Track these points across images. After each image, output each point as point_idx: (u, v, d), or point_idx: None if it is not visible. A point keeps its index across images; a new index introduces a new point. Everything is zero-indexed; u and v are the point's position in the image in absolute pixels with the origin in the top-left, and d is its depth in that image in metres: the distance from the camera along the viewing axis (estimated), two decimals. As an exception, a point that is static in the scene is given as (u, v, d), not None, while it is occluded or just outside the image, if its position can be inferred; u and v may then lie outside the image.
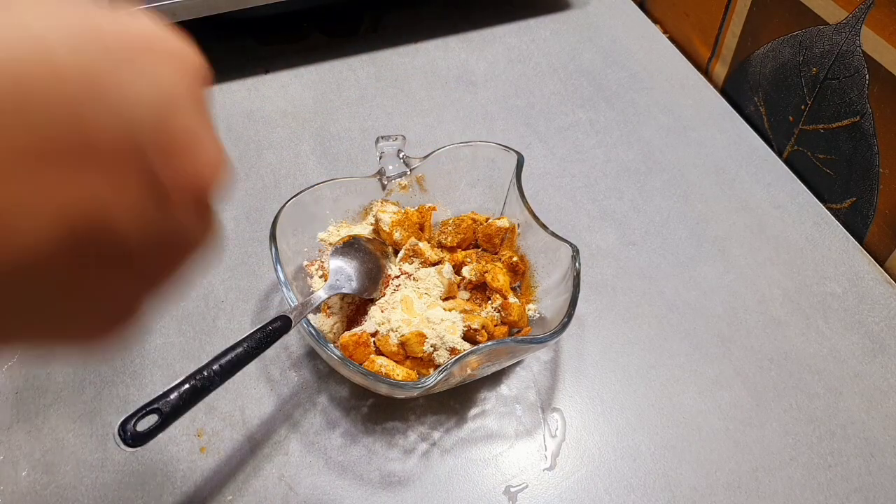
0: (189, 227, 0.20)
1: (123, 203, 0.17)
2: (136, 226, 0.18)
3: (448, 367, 0.45)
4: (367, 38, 0.84)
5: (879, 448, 0.52)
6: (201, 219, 0.20)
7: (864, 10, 0.60)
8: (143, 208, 0.18)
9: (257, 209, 0.66)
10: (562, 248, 0.52)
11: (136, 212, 0.18)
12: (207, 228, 0.21)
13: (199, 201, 0.19)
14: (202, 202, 0.20)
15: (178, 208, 0.19)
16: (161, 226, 0.19)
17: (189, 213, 0.19)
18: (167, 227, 0.19)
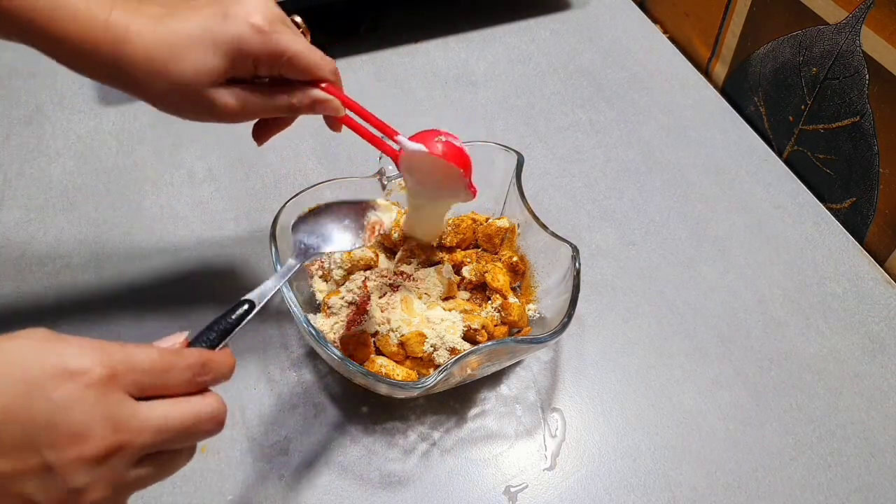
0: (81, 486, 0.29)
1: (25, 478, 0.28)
2: (38, 491, 0.28)
3: (448, 367, 0.45)
4: (367, 38, 0.84)
5: (879, 448, 0.52)
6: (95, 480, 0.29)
7: (864, 10, 0.60)
8: (41, 480, 0.28)
9: (257, 209, 0.66)
10: (562, 248, 0.52)
11: (36, 483, 0.28)
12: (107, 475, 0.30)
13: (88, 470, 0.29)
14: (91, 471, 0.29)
15: (67, 477, 0.29)
16: (57, 488, 0.29)
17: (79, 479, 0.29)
18: (62, 488, 0.29)
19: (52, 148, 0.71)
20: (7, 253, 0.63)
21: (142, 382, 0.31)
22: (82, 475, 0.29)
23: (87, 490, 0.29)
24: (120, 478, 0.30)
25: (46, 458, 0.28)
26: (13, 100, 0.76)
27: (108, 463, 0.29)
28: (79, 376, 0.29)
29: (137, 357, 0.31)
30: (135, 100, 0.44)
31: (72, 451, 0.29)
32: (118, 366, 0.30)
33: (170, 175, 0.69)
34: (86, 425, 0.29)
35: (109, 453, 0.29)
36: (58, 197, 0.67)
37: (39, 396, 0.28)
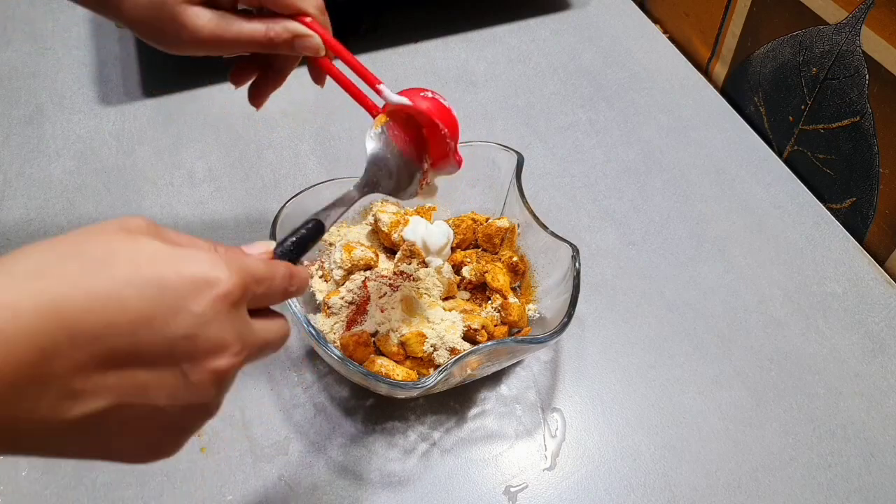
0: (205, 400, 0.29)
1: (159, 387, 0.27)
2: (167, 400, 0.28)
3: (448, 367, 0.45)
4: (367, 38, 0.84)
5: (879, 448, 0.52)
6: (217, 394, 0.30)
7: (864, 10, 0.60)
8: (173, 390, 0.28)
9: (257, 209, 0.66)
10: (562, 248, 0.52)
11: (168, 392, 0.28)
12: (219, 398, 0.30)
13: (216, 383, 0.29)
14: (219, 384, 0.29)
15: (198, 390, 0.28)
16: (185, 399, 0.28)
17: (207, 392, 0.29)
18: (189, 400, 0.28)
19: (52, 148, 0.71)
20: (7, 253, 0.63)
21: (257, 294, 0.31)
22: (212, 390, 0.29)
23: (207, 408, 0.30)
24: (224, 393, 0.31)
25: (184, 370, 0.28)
26: (13, 100, 0.76)
27: (230, 377, 0.30)
28: (216, 287, 0.28)
29: (256, 267, 0.31)
30: (135, 100, 0.44)
31: (208, 365, 0.28)
32: (246, 278, 0.30)
33: (170, 175, 0.69)
34: (223, 340, 0.29)
35: (235, 368, 0.30)
36: (58, 197, 0.67)
37: (181, 307, 0.27)
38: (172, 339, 0.27)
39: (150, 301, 0.26)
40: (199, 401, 0.29)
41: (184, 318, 0.27)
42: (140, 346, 0.26)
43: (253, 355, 0.31)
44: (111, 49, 0.82)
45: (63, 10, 0.88)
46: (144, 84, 0.78)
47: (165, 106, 0.76)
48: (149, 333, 0.26)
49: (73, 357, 0.25)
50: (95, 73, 0.79)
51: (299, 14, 0.43)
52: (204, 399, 0.29)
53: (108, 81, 0.78)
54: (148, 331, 0.26)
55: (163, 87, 0.77)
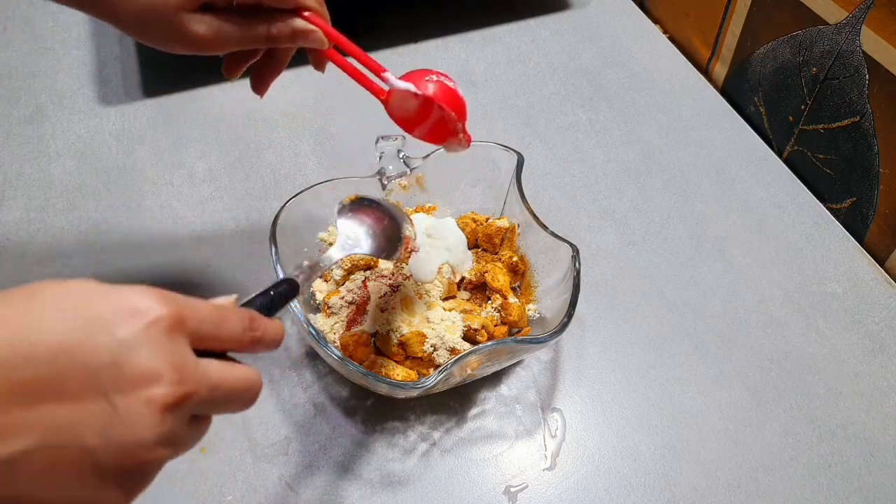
0: (143, 436, 0.26)
1: (86, 423, 0.25)
2: (97, 438, 0.25)
3: (448, 367, 0.45)
4: (366, 38, 0.84)
5: (879, 448, 0.52)
6: (161, 431, 0.27)
7: (864, 10, 0.60)
8: (102, 425, 0.25)
9: (257, 209, 0.66)
10: (562, 248, 0.52)
11: (96, 427, 0.25)
12: (169, 428, 0.27)
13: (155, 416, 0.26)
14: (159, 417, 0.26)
15: (131, 423, 0.26)
16: (118, 436, 0.26)
17: (143, 426, 0.26)
18: (123, 436, 0.26)
19: (52, 148, 0.71)
20: (7, 253, 0.63)
21: (200, 331, 0.29)
22: (149, 425, 0.26)
23: (146, 446, 0.26)
24: (178, 437, 0.28)
25: (112, 402, 0.25)
26: (13, 100, 0.76)
27: (173, 414, 0.27)
28: (145, 315, 0.27)
29: (197, 304, 0.29)
30: (135, 100, 0.44)
31: (140, 394, 0.26)
32: (183, 309, 0.28)
33: (170, 175, 0.69)
34: (154, 368, 0.26)
35: (176, 402, 0.27)
36: (58, 197, 0.67)
37: (104, 332, 0.26)
38: (96, 368, 0.25)
39: (70, 329, 0.25)
40: (135, 437, 0.26)
41: (107, 344, 0.26)
42: (61, 376, 0.25)
43: (203, 396, 0.28)
44: (111, 49, 0.82)
45: (63, 9, 0.88)
46: (144, 84, 0.78)
47: (165, 106, 0.76)
48: (69, 362, 0.25)
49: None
50: (95, 73, 0.79)
51: (299, 8, 0.43)
52: (141, 435, 0.26)
53: (108, 81, 0.78)
54: (68, 359, 0.25)
55: (163, 87, 0.77)
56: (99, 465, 0.26)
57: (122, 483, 0.27)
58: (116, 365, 0.26)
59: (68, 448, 0.25)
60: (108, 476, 0.26)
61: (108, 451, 0.26)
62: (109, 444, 0.26)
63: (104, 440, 0.25)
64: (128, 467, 0.26)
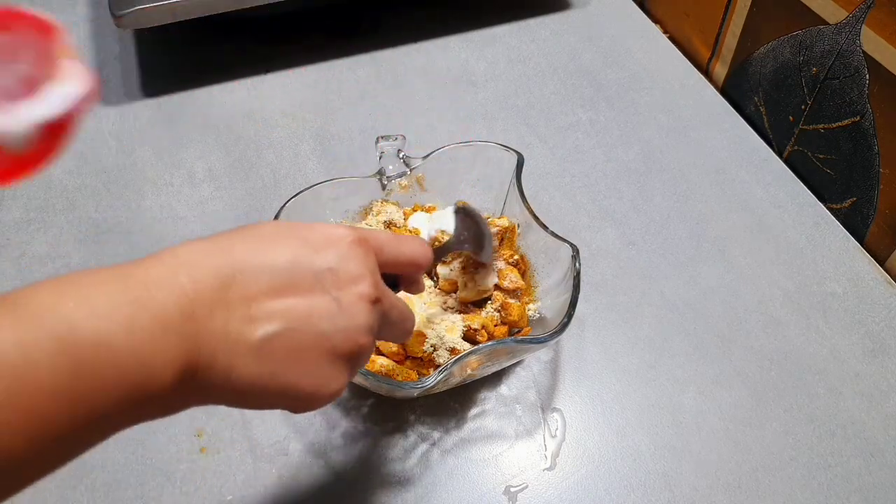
0: (359, 322, 0.34)
1: (319, 312, 0.33)
2: (328, 324, 0.33)
3: (448, 367, 0.45)
4: (367, 38, 0.84)
5: (879, 448, 0.52)
6: (367, 320, 0.34)
7: (864, 10, 0.60)
8: (330, 313, 0.33)
9: (257, 209, 0.66)
10: (562, 248, 0.52)
11: (326, 315, 0.33)
12: (369, 329, 0.35)
13: (364, 307, 0.34)
14: (367, 308, 0.34)
15: (351, 312, 0.33)
16: (343, 323, 0.33)
17: (359, 315, 0.34)
18: (347, 323, 0.33)
19: (52, 148, 0.71)
20: (7, 253, 0.63)
21: (384, 246, 0.38)
22: (362, 313, 0.34)
23: (363, 330, 0.34)
24: (374, 331, 0.35)
25: (335, 296, 0.33)
26: (13, 100, 0.76)
27: (375, 307, 0.35)
28: (343, 237, 0.34)
29: (375, 231, 0.39)
30: (135, 100, 0.44)
31: (353, 289, 0.34)
32: (365, 233, 0.36)
33: (170, 175, 0.69)
34: (359, 273, 0.34)
35: (375, 299, 0.35)
36: (58, 197, 0.67)
37: (320, 249, 0.33)
38: (319, 272, 0.33)
39: (297, 248, 0.33)
40: (354, 322, 0.33)
41: (324, 257, 0.33)
42: (296, 278, 0.32)
43: (387, 304, 0.36)
44: (111, 49, 0.82)
45: (63, 10, 0.88)
46: (144, 84, 0.78)
47: (165, 106, 0.76)
48: (300, 269, 0.32)
49: (245, 288, 0.31)
50: (95, 73, 0.79)
51: None
52: (358, 321, 0.34)
53: (108, 81, 0.78)
54: (299, 268, 0.32)
55: (163, 87, 0.77)
56: (332, 345, 0.33)
57: (346, 363, 0.34)
58: (333, 271, 0.33)
59: (307, 331, 0.32)
60: (337, 356, 0.33)
61: (337, 334, 0.33)
62: (337, 328, 0.33)
63: (333, 325, 0.33)
64: (350, 350, 0.34)
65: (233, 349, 0.30)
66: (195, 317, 0.29)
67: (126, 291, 0.29)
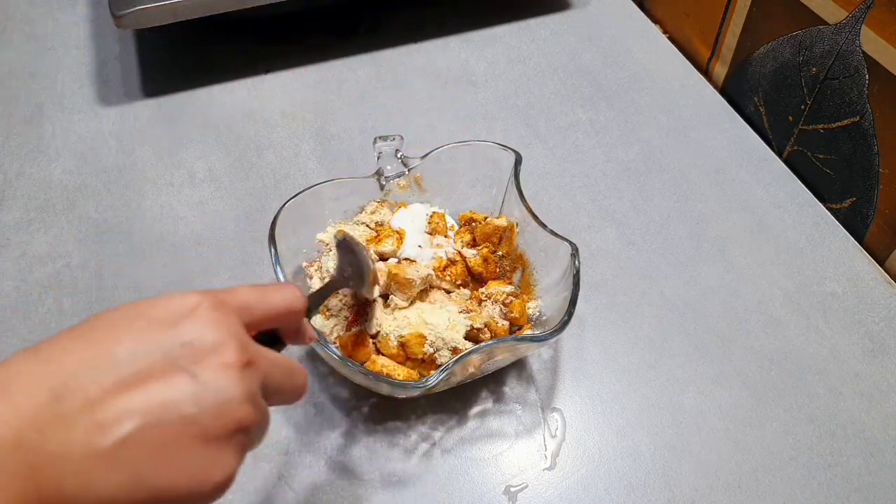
0: (230, 394, 0.29)
1: (179, 395, 0.28)
2: (193, 405, 0.28)
3: (449, 367, 0.45)
4: (367, 38, 0.84)
5: (879, 448, 0.52)
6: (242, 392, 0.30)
7: (863, 10, 0.60)
8: (193, 393, 0.28)
9: (257, 209, 0.66)
10: (561, 247, 0.52)
11: (189, 396, 0.28)
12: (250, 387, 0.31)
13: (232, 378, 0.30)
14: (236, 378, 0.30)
15: (217, 386, 0.29)
16: (211, 399, 0.29)
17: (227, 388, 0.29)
18: (215, 398, 0.29)
19: (52, 148, 0.71)
20: (7, 253, 0.63)
21: (249, 303, 0.33)
22: (231, 383, 0.29)
23: (238, 401, 0.30)
24: (257, 399, 0.31)
25: (194, 373, 0.29)
26: (13, 100, 0.76)
27: (246, 374, 0.30)
28: (196, 305, 0.30)
29: (234, 288, 0.34)
30: (135, 100, 0.44)
31: (215, 360, 0.29)
32: (220, 293, 0.32)
33: (170, 175, 0.69)
34: (219, 340, 0.30)
35: (246, 363, 0.30)
36: (58, 197, 0.67)
37: (168, 326, 0.30)
38: (170, 351, 0.29)
39: (139, 331, 0.29)
40: (224, 396, 0.29)
41: (174, 332, 0.29)
42: (144, 366, 0.28)
43: (265, 367, 0.32)
44: (111, 49, 0.82)
45: (63, 9, 0.88)
46: (144, 84, 0.78)
47: (165, 106, 0.76)
48: (146, 353, 0.28)
49: (84, 393, 0.27)
50: (95, 73, 0.79)
51: None
52: (228, 393, 0.29)
53: (108, 81, 0.78)
54: (145, 351, 0.29)
55: (163, 87, 0.77)
56: (202, 429, 0.29)
57: (226, 444, 0.30)
58: (186, 345, 0.29)
59: (170, 421, 0.28)
60: (212, 439, 0.29)
61: (206, 414, 0.28)
62: (204, 408, 0.29)
63: (199, 406, 0.28)
64: (227, 427, 0.29)
65: (82, 467, 0.26)
66: (22, 447, 0.26)
67: None
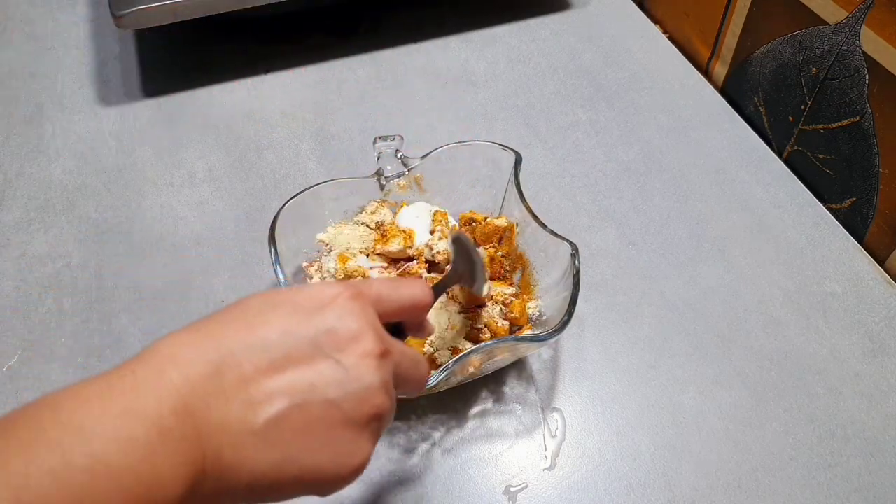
0: (369, 382, 0.31)
1: (324, 380, 0.30)
2: (336, 390, 0.30)
3: (450, 367, 0.45)
4: (367, 38, 0.84)
5: (879, 448, 0.52)
6: (379, 380, 0.32)
7: (863, 10, 0.60)
8: (336, 379, 0.30)
9: (257, 209, 0.66)
10: (561, 247, 0.52)
11: (332, 382, 0.30)
12: (383, 389, 0.32)
13: (372, 366, 0.31)
14: (375, 366, 0.32)
15: (358, 374, 0.31)
16: (352, 386, 0.31)
17: (367, 375, 0.31)
18: (356, 386, 0.31)
19: (52, 148, 0.71)
20: (7, 253, 0.63)
21: (382, 294, 0.35)
22: (370, 371, 0.31)
23: (376, 390, 0.31)
24: (390, 388, 0.33)
25: (338, 359, 0.31)
26: (13, 100, 0.76)
27: (383, 363, 0.32)
28: (335, 295, 0.32)
29: (369, 279, 0.37)
30: (135, 100, 0.44)
31: (356, 348, 0.31)
32: (358, 284, 0.34)
33: (170, 175, 0.69)
34: (359, 329, 0.32)
35: (383, 353, 0.32)
36: (58, 197, 0.67)
37: (313, 315, 0.31)
38: (315, 338, 0.31)
39: (286, 318, 0.31)
40: (364, 383, 0.31)
41: (320, 320, 0.31)
42: (292, 350, 0.30)
43: (397, 356, 0.34)
44: (111, 49, 0.82)
45: (63, 9, 0.88)
46: (144, 84, 0.78)
47: (165, 106, 0.76)
48: (294, 339, 0.30)
49: (239, 371, 0.29)
50: (95, 73, 0.79)
51: None
52: (368, 380, 0.31)
53: (108, 81, 0.78)
54: (293, 338, 0.30)
55: (163, 87, 0.77)
56: (344, 414, 0.30)
57: (365, 429, 0.31)
58: (330, 332, 0.31)
59: (315, 404, 0.30)
60: (353, 424, 0.31)
61: (348, 400, 0.30)
62: (347, 393, 0.30)
63: (342, 390, 0.30)
64: (367, 414, 0.31)
65: (238, 441, 0.28)
66: (192, 414, 0.27)
67: (113, 403, 0.26)
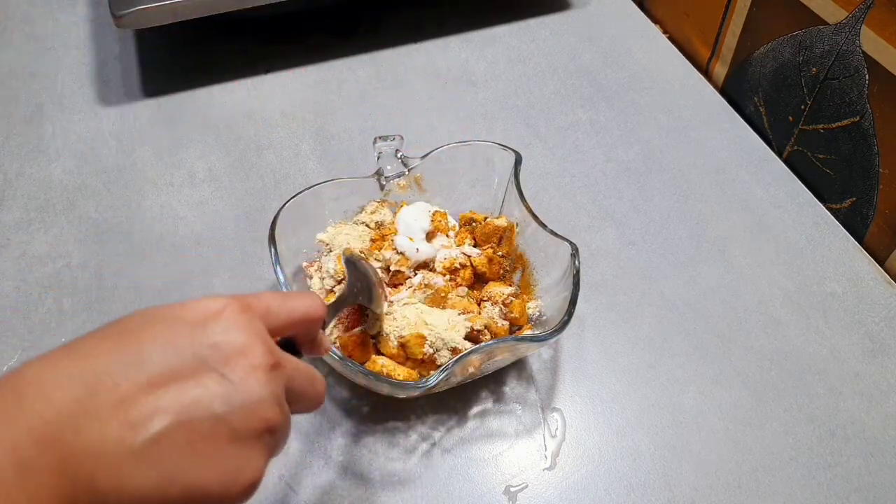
0: (257, 396, 0.30)
1: (209, 394, 0.29)
2: (222, 405, 0.29)
3: (449, 367, 0.45)
4: (367, 38, 0.84)
5: (879, 448, 0.52)
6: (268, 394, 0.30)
7: (863, 10, 0.60)
8: (222, 393, 0.29)
9: (257, 209, 0.66)
10: (561, 247, 0.52)
11: (218, 396, 0.29)
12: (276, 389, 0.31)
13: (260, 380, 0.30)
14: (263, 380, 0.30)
15: (245, 387, 0.29)
16: (239, 399, 0.29)
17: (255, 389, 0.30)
18: (243, 399, 0.29)
19: (52, 148, 0.71)
20: (7, 253, 0.63)
21: (271, 308, 0.34)
22: (259, 384, 0.30)
23: (266, 403, 0.30)
24: (282, 402, 0.32)
25: (224, 373, 0.29)
26: (13, 100, 0.76)
27: (274, 376, 0.31)
28: (222, 308, 0.31)
29: (258, 293, 0.34)
30: (135, 100, 0.44)
31: (242, 362, 0.30)
32: (246, 297, 0.33)
33: (170, 175, 0.69)
34: (247, 342, 0.30)
35: (273, 366, 0.31)
36: (58, 197, 0.67)
37: (197, 329, 0.30)
38: (200, 352, 0.29)
39: (169, 333, 0.29)
40: (253, 396, 0.30)
41: (202, 334, 0.30)
42: (175, 365, 0.29)
43: (289, 371, 0.32)
44: (111, 49, 0.82)
45: (63, 9, 0.88)
46: (144, 84, 0.78)
47: (165, 106, 0.76)
48: (177, 354, 0.29)
49: (116, 389, 0.27)
50: (95, 73, 0.79)
51: None
52: (257, 393, 0.30)
53: (108, 81, 0.78)
54: (176, 352, 0.29)
55: (163, 87, 0.77)
56: (232, 429, 0.29)
57: (255, 444, 0.30)
58: (216, 346, 0.30)
59: (201, 420, 0.28)
60: (242, 439, 0.29)
61: (236, 414, 0.29)
62: (234, 407, 0.29)
63: (229, 404, 0.29)
64: (256, 428, 0.30)
65: (114, 463, 0.26)
66: (57, 440, 0.26)
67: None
